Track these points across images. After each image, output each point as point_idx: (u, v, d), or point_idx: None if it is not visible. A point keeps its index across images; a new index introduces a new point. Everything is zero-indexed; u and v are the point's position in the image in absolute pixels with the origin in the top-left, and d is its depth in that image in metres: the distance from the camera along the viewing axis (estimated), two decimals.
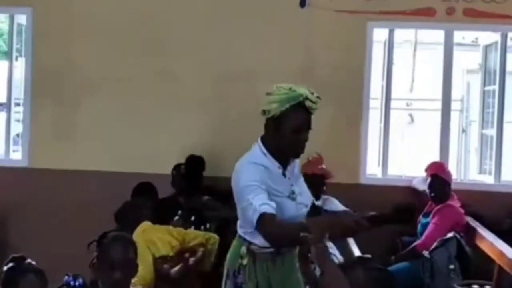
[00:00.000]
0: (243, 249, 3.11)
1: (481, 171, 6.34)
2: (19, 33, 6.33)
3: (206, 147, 5.68)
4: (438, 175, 5.33)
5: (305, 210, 3.15)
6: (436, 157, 5.88)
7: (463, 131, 9.79)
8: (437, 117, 6.15)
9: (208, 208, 4.96)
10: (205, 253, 4.26)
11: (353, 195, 5.48)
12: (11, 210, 5.91)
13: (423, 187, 5.53)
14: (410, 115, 10.37)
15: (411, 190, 5.78)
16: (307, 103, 3.03)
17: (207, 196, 5.23)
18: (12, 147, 6.27)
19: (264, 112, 3.06)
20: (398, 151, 9.54)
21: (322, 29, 5.86)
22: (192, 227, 4.42)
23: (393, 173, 6.36)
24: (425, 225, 5.25)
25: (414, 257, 5.08)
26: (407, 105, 10.32)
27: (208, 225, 4.55)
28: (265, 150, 3.08)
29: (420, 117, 10.15)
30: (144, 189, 5.10)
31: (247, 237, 3.10)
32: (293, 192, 3.10)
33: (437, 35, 6.63)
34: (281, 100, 3.02)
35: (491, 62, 6.27)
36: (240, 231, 3.14)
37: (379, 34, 6.13)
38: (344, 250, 4.60)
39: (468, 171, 8.92)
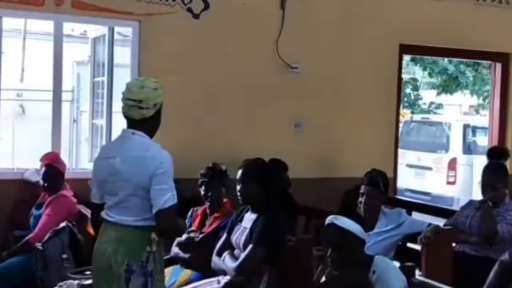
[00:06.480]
0: (153, 236, 3.25)
1: (92, 159, 6.52)
2: None
3: None
4: (51, 165, 5.34)
5: None
6: (48, 148, 5.87)
7: (75, 121, 9.92)
8: (49, 107, 6.12)
9: None
10: None
11: None
12: None
13: (37, 178, 5.50)
14: (21, 106, 10.14)
15: (24, 183, 5.71)
16: None
17: None
18: None
19: (155, 105, 3.34)
20: (9, 143, 9.29)
21: None
22: None
23: (6, 166, 6.19)
24: (38, 217, 5.22)
25: (27, 251, 5.02)
26: (18, 95, 10.08)
27: None
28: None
29: (31, 108, 9.98)
30: None
31: (150, 223, 3.25)
32: None
33: (48, 25, 6.59)
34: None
35: (99, 54, 6.49)
36: (138, 223, 3.27)
37: None
38: None
39: (80, 160, 9.10)
